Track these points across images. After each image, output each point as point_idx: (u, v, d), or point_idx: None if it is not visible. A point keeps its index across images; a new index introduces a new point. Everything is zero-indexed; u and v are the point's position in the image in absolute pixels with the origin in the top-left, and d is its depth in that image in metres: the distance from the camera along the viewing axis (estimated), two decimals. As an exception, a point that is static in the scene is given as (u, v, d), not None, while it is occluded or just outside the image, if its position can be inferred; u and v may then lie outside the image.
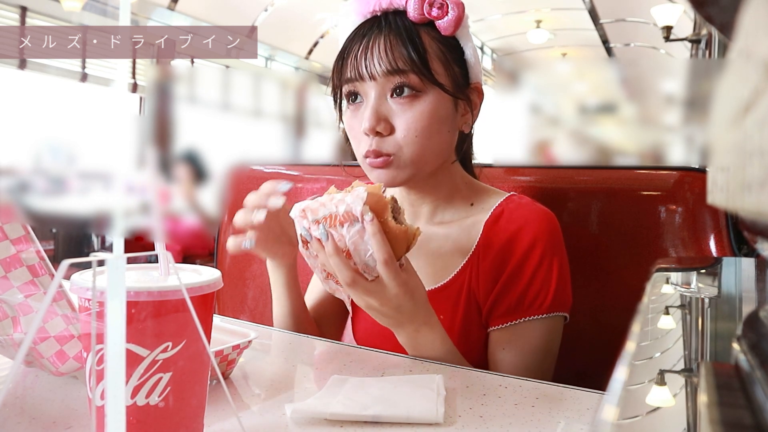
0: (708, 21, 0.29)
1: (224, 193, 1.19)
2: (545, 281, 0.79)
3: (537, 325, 0.79)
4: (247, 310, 1.28)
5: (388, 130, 0.77)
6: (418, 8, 0.77)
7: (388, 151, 0.77)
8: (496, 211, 0.84)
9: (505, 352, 0.79)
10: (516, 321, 0.79)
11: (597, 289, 0.97)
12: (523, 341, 0.79)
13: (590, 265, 0.97)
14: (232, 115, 0.86)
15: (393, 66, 0.76)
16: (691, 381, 0.29)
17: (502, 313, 0.80)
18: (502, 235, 0.81)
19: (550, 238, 0.81)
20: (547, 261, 0.79)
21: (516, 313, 0.79)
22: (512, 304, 0.79)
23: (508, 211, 0.83)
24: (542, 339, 0.79)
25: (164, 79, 0.66)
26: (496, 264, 0.81)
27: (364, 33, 0.79)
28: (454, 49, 0.80)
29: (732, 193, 0.26)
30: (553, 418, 0.55)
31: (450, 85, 0.79)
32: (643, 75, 0.40)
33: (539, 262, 0.79)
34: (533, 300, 0.79)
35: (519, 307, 0.79)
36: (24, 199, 0.46)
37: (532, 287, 0.79)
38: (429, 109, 0.77)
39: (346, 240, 0.65)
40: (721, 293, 0.51)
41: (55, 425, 0.51)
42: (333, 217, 0.65)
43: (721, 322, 0.43)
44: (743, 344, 0.29)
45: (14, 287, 0.54)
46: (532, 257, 0.79)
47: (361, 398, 0.56)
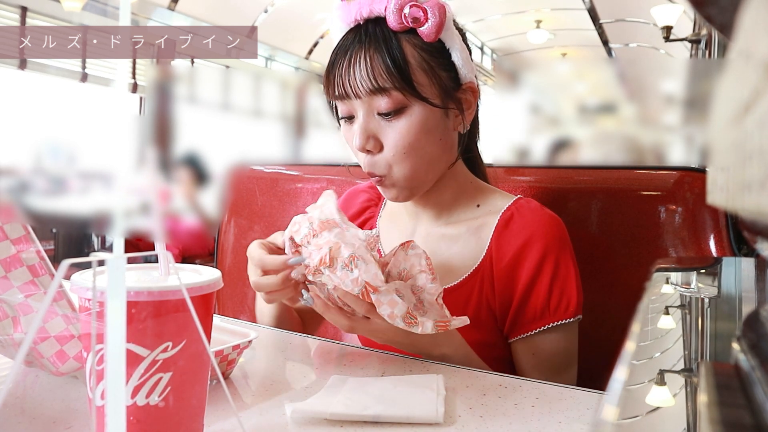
0: (708, 21, 0.29)
1: (224, 194, 1.19)
2: (565, 286, 0.79)
3: (562, 329, 0.80)
4: (247, 310, 1.28)
5: (377, 148, 0.77)
6: (396, 17, 0.75)
7: (380, 171, 0.78)
8: (506, 215, 0.83)
9: (535, 358, 0.80)
10: (543, 327, 0.79)
11: (597, 289, 0.97)
12: (551, 347, 0.80)
13: (590, 265, 0.97)
14: (232, 115, 0.86)
15: (374, 85, 0.74)
16: (691, 381, 0.29)
17: (528, 321, 0.80)
18: (514, 242, 0.81)
19: (561, 242, 0.81)
20: (564, 267, 0.80)
21: (542, 319, 0.79)
22: (538, 311, 0.79)
23: (518, 216, 0.83)
24: (567, 344, 0.81)
25: (164, 79, 0.66)
26: (509, 273, 0.81)
27: (347, 47, 0.77)
28: (440, 54, 0.78)
29: (732, 193, 0.26)
30: (553, 418, 0.55)
31: (436, 94, 0.77)
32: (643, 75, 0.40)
33: (555, 269, 0.79)
34: (557, 305, 0.79)
35: (545, 313, 0.79)
36: (24, 199, 0.46)
37: (554, 293, 0.79)
38: (415, 123, 0.76)
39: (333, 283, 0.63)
40: (721, 293, 0.51)
41: (55, 425, 0.51)
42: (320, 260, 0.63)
43: (721, 322, 0.43)
44: (743, 344, 0.29)
45: (14, 287, 0.54)
46: (548, 265, 0.79)
47: (361, 398, 0.56)
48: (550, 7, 5.94)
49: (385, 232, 0.93)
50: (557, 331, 0.79)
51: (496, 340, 0.82)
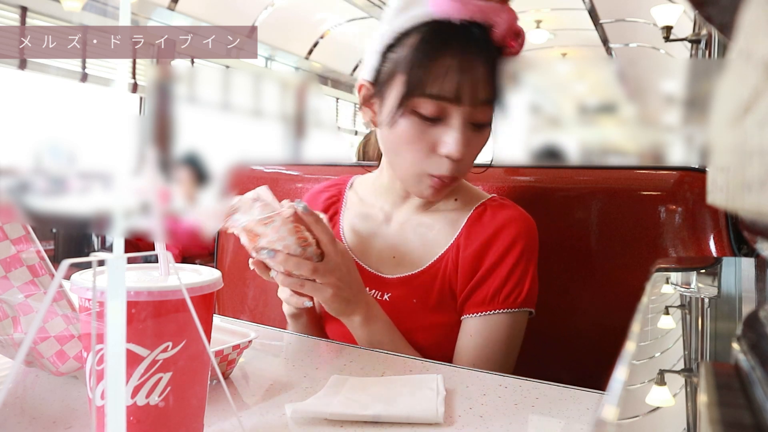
0: (708, 21, 0.29)
1: (225, 194, 1.19)
2: (521, 278, 0.82)
3: (507, 318, 0.82)
4: (247, 310, 1.28)
5: None
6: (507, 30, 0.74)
7: (459, 175, 0.81)
8: (479, 208, 0.87)
9: (473, 339, 0.82)
10: (489, 312, 0.82)
11: (597, 289, 0.97)
12: (491, 332, 0.82)
13: (590, 265, 0.97)
14: (232, 115, 0.86)
15: (489, 97, 0.75)
16: (691, 381, 0.29)
17: (478, 303, 0.82)
18: (485, 230, 0.84)
19: (530, 239, 0.84)
20: (525, 260, 0.82)
21: (491, 304, 0.82)
22: (488, 295, 0.82)
23: (491, 209, 0.87)
24: (510, 332, 0.82)
25: (164, 79, 0.66)
26: (476, 256, 0.84)
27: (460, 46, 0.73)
28: None
29: (732, 193, 0.26)
30: (553, 418, 0.55)
31: None
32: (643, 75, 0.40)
33: (518, 260, 0.82)
34: (508, 294, 0.81)
35: (495, 299, 0.82)
36: (24, 199, 0.46)
37: (509, 282, 0.82)
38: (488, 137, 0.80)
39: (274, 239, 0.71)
40: (721, 293, 0.51)
41: (55, 425, 0.51)
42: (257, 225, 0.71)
43: (721, 322, 0.43)
44: (743, 344, 0.29)
45: (14, 287, 0.54)
46: (512, 254, 0.82)
47: (361, 398, 0.56)
48: (550, 7, 5.94)
49: (352, 222, 0.95)
50: (502, 319, 0.82)
51: (454, 324, 0.85)
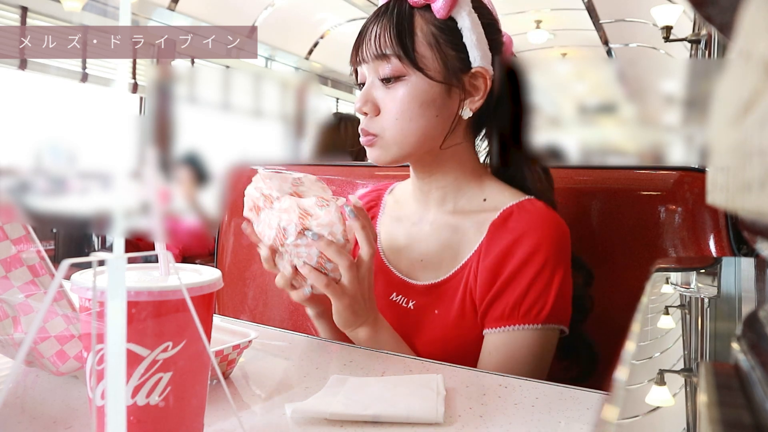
0: (708, 21, 0.29)
1: (224, 194, 1.19)
2: (544, 291, 0.76)
3: (530, 335, 0.76)
4: (247, 310, 1.28)
5: (375, 112, 0.81)
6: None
7: (374, 131, 0.81)
8: (506, 212, 0.82)
9: (492, 356, 0.77)
10: (508, 327, 0.76)
11: (597, 289, 0.97)
12: (513, 349, 0.76)
13: (590, 265, 0.97)
14: (232, 115, 0.86)
15: (378, 51, 0.80)
16: (690, 381, 0.29)
17: (497, 317, 0.78)
18: (508, 236, 0.79)
19: (556, 246, 0.77)
20: (549, 269, 0.76)
21: (510, 318, 0.76)
22: (507, 309, 0.77)
23: (518, 213, 0.81)
24: (533, 350, 0.76)
25: (164, 79, 0.66)
26: (495, 265, 0.79)
27: (368, 21, 0.83)
28: (451, 32, 0.80)
29: (732, 193, 0.26)
30: (553, 418, 0.55)
31: (438, 70, 0.79)
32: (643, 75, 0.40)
33: (540, 270, 0.76)
34: (530, 308, 0.76)
35: (514, 313, 0.76)
36: (24, 199, 0.46)
37: (529, 295, 0.76)
38: (409, 92, 0.79)
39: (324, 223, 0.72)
40: (721, 293, 0.51)
41: (55, 425, 0.51)
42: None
43: (721, 322, 0.43)
44: (743, 344, 0.29)
45: (15, 287, 0.54)
46: (533, 263, 0.76)
47: (361, 398, 0.56)
48: (550, 7, 5.94)
49: (388, 226, 0.93)
50: (524, 336, 0.76)
51: (478, 337, 0.81)
